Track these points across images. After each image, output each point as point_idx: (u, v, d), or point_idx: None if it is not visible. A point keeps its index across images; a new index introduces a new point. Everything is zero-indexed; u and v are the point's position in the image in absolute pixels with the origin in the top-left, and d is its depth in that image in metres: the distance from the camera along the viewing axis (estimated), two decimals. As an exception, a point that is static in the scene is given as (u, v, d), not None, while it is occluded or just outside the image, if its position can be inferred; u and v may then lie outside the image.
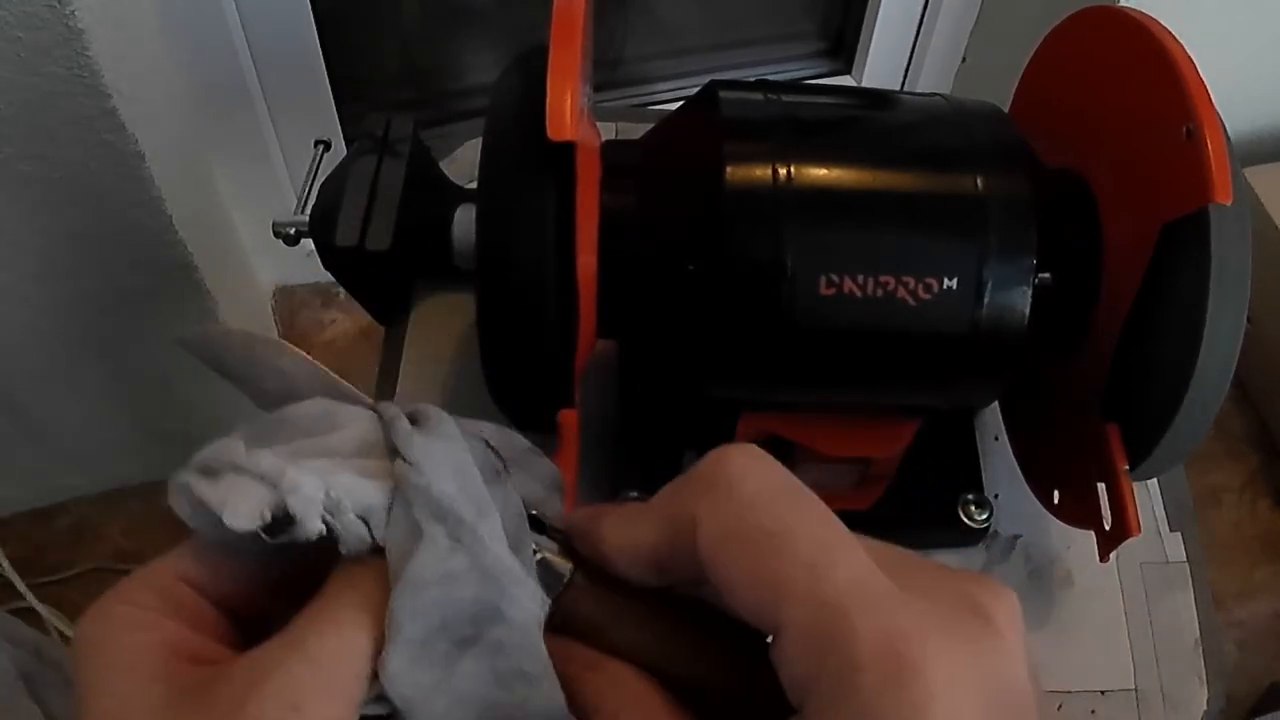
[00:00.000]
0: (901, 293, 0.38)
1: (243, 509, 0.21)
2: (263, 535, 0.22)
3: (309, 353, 0.26)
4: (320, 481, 0.22)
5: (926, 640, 0.20)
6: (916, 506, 0.51)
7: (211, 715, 0.21)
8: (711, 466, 0.23)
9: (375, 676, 0.22)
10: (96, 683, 0.22)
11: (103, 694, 0.22)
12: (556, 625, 0.25)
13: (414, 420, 0.24)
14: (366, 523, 0.22)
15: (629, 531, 0.24)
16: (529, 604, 0.23)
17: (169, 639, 0.22)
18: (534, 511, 0.26)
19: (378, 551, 0.22)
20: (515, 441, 0.27)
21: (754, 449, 0.23)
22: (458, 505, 0.22)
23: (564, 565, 0.25)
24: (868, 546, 0.22)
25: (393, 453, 0.23)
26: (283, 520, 0.22)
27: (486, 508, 0.23)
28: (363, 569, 0.23)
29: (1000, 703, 0.20)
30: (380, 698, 0.22)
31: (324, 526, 0.22)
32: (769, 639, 0.21)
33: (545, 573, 0.25)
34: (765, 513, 0.22)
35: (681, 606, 0.25)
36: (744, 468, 0.23)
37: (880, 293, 0.38)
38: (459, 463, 0.23)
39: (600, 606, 0.25)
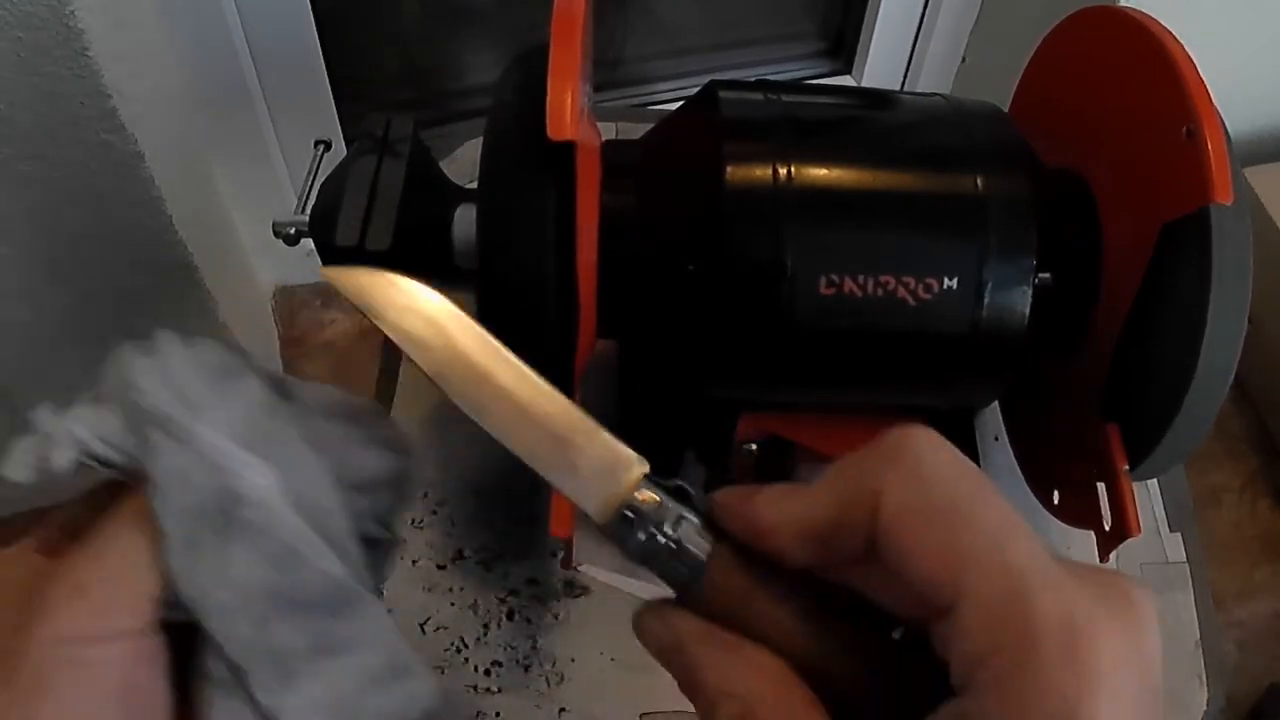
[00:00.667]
0: (901, 293, 0.38)
1: (14, 462, 0.25)
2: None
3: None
4: (62, 423, 0.25)
5: (1097, 624, 0.20)
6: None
7: (17, 603, 0.24)
8: (896, 443, 0.24)
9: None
10: None
11: None
12: (698, 603, 0.25)
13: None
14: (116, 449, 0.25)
15: (793, 505, 0.24)
16: (261, 480, 0.25)
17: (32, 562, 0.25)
18: (681, 483, 0.26)
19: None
20: (350, 400, 0.29)
21: (931, 430, 0.24)
22: (170, 409, 0.25)
23: (704, 540, 0.25)
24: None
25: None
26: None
27: (203, 405, 0.26)
28: (130, 489, 0.25)
29: (1148, 689, 0.21)
30: (178, 606, 0.24)
31: (86, 460, 0.25)
32: (923, 638, 0.22)
33: (683, 550, 0.25)
34: (952, 488, 0.22)
35: (822, 595, 0.25)
36: (928, 446, 0.23)
37: (880, 293, 0.38)
38: (175, 374, 0.26)
39: (743, 583, 0.25)
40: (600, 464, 0.26)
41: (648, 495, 0.26)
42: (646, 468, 0.26)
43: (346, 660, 0.26)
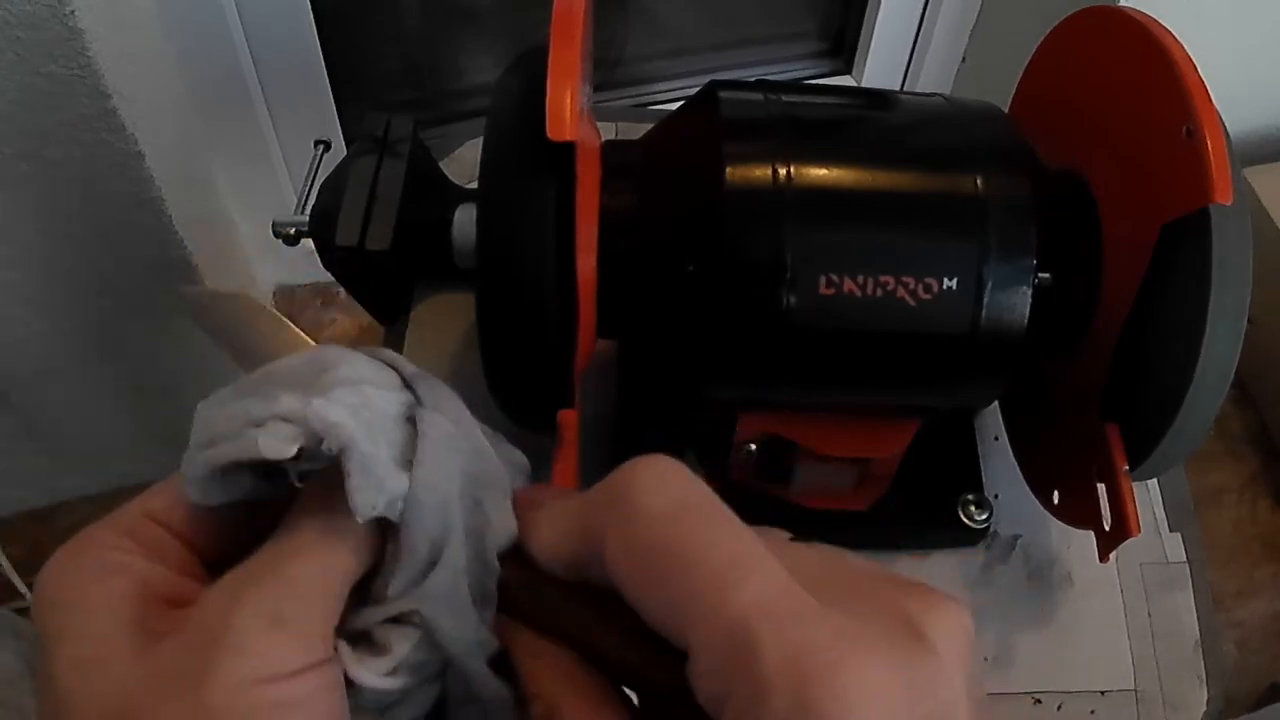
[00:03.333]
0: (901, 293, 0.38)
1: (275, 440, 0.22)
2: (289, 469, 0.22)
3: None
4: (343, 405, 0.22)
5: (842, 658, 0.19)
6: (916, 506, 0.51)
7: (190, 641, 0.21)
8: (618, 481, 0.22)
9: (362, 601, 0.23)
10: (66, 631, 0.21)
11: (74, 642, 0.21)
12: (502, 603, 0.25)
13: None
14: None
15: (547, 533, 0.24)
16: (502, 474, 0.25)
17: (140, 578, 0.22)
18: None
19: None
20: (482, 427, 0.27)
21: (665, 461, 0.22)
22: (470, 473, 0.24)
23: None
24: (796, 557, 0.21)
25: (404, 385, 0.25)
26: (310, 453, 0.22)
27: (484, 475, 0.25)
28: (329, 494, 0.23)
29: (928, 715, 0.19)
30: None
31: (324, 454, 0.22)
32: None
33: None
34: (671, 530, 0.21)
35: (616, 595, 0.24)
36: (651, 482, 0.22)
37: (880, 293, 0.38)
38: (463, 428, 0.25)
39: (532, 580, 0.24)
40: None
41: None
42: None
43: None
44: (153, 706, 0.20)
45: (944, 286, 0.38)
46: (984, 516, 0.51)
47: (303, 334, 0.26)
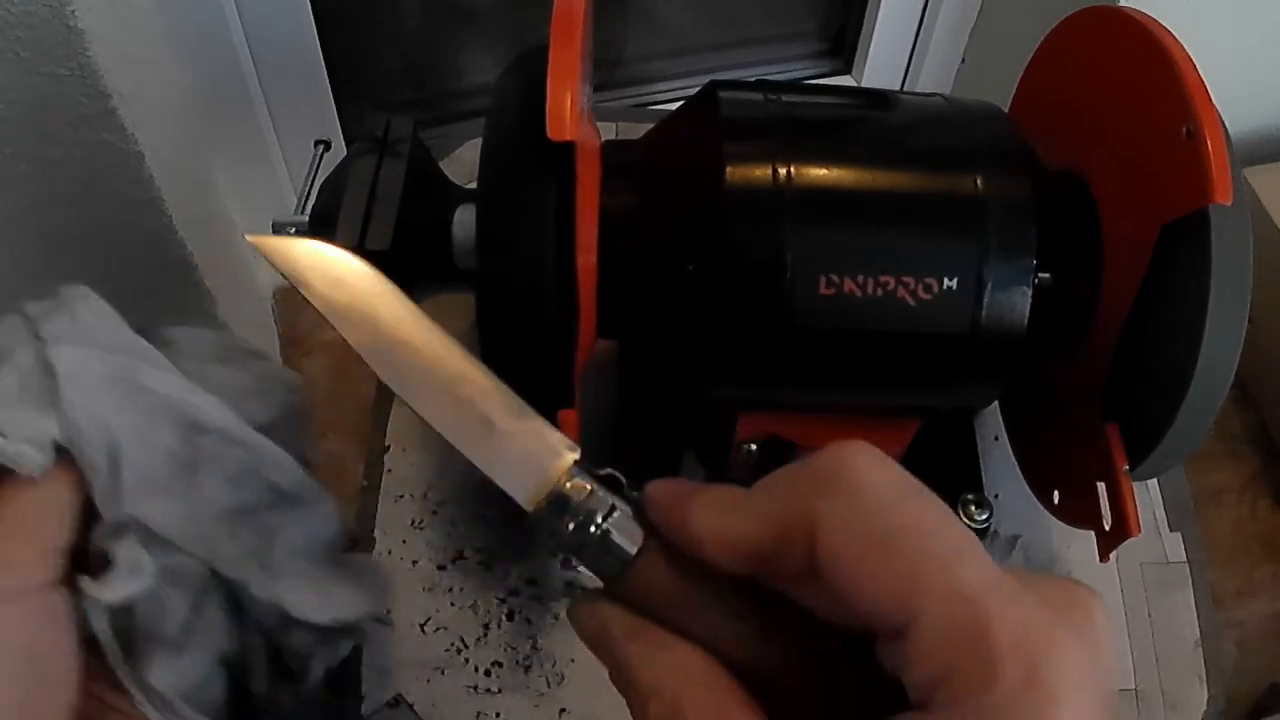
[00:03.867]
0: (901, 293, 0.38)
1: None
2: None
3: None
4: None
5: (1054, 638, 0.20)
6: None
7: None
8: (829, 464, 0.23)
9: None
10: None
11: None
12: (623, 595, 0.24)
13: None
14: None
15: (727, 520, 0.23)
16: (216, 411, 0.27)
17: None
18: (613, 472, 0.25)
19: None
20: (228, 341, 0.31)
21: (870, 447, 0.23)
22: (115, 364, 0.26)
23: (636, 532, 0.24)
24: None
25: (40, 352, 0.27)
26: None
27: (142, 353, 0.27)
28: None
29: (1107, 703, 0.21)
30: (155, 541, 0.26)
31: None
32: (862, 641, 0.21)
33: (613, 539, 0.24)
34: (894, 511, 0.22)
35: (755, 592, 0.24)
36: (866, 466, 0.22)
37: (880, 293, 0.38)
38: (92, 326, 0.27)
39: (674, 579, 0.24)
40: (529, 449, 0.25)
41: (578, 483, 0.25)
42: (577, 454, 0.25)
43: (309, 546, 0.28)
44: None
45: (944, 286, 0.38)
46: (984, 516, 0.51)
47: (393, 286, 0.28)
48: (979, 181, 0.39)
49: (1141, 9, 0.42)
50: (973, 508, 0.51)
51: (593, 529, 0.24)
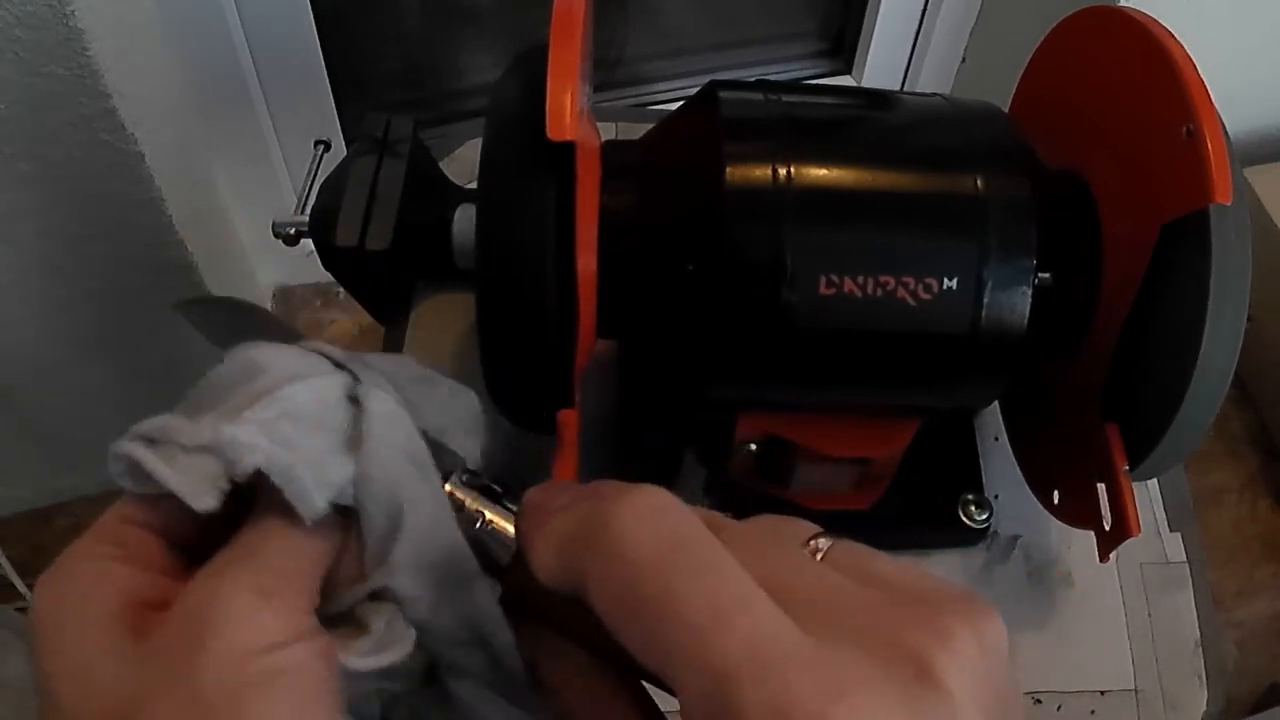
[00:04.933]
0: (901, 293, 0.38)
1: (200, 488, 0.22)
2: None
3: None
4: (255, 423, 0.23)
5: (828, 710, 0.17)
6: (916, 506, 0.51)
7: (179, 626, 0.21)
8: (596, 517, 0.21)
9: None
10: (58, 646, 0.21)
11: (65, 654, 0.21)
12: (508, 598, 0.25)
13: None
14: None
15: (545, 551, 0.22)
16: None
17: (126, 585, 0.22)
18: (489, 483, 0.26)
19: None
20: (412, 370, 0.28)
21: (647, 492, 0.21)
22: (419, 451, 0.25)
23: (511, 539, 0.25)
24: (804, 578, 0.20)
25: (351, 400, 0.25)
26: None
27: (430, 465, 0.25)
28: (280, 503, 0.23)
29: None
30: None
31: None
32: None
33: (492, 541, 0.25)
34: (650, 573, 0.20)
35: None
36: (631, 521, 0.20)
37: (880, 293, 0.38)
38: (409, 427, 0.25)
39: (543, 589, 0.23)
40: None
41: (458, 493, 0.26)
42: (462, 463, 0.26)
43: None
44: (149, 695, 0.20)
45: (944, 286, 0.38)
46: (984, 516, 0.51)
47: (298, 333, 0.26)
48: (979, 181, 0.39)
49: (1141, 9, 0.42)
50: (973, 508, 0.51)
51: (476, 530, 0.25)
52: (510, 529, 0.25)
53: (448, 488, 0.25)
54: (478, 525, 0.25)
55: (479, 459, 0.27)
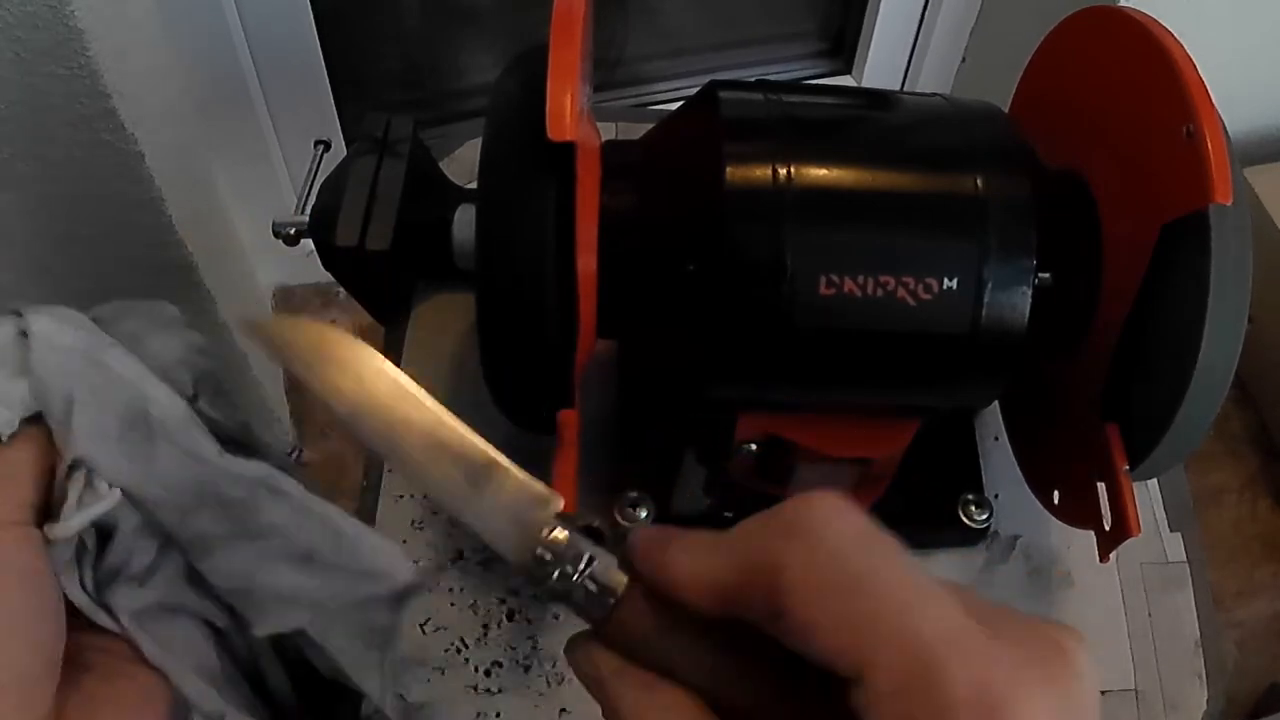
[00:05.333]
0: (901, 293, 0.38)
1: None
2: None
3: None
4: None
5: (1019, 689, 0.20)
6: (916, 506, 0.51)
7: None
8: (795, 513, 0.23)
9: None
10: None
11: None
12: (610, 637, 0.25)
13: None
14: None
15: (702, 561, 0.24)
16: (168, 400, 0.30)
17: None
18: (592, 523, 0.26)
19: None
20: (133, 307, 0.33)
21: (837, 498, 0.23)
22: (86, 344, 0.29)
23: (618, 578, 0.25)
24: (955, 592, 0.22)
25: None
26: None
27: (104, 345, 0.30)
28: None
29: None
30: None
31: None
32: (840, 680, 0.22)
33: (596, 586, 0.25)
34: (854, 559, 0.22)
35: (735, 632, 0.24)
36: (829, 515, 0.23)
37: (880, 293, 0.38)
38: (70, 319, 0.30)
39: (654, 622, 0.25)
40: (514, 504, 0.26)
41: (560, 535, 0.26)
42: (560, 504, 0.26)
43: (263, 544, 0.30)
44: None
45: (944, 286, 0.38)
46: (984, 516, 0.51)
47: (380, 355, 0.28)
48: (979, 181, 0.39)
49: (1141, 9, 0.42)
50: (973, 508, 0.51)
51: (576, 578, 0.25)
52: (616, 572, 0.25)
53: (548, 533, 0.26)
54: (590, 563, 0.25)
55: (180, 354, 0.32)
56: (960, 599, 0.22)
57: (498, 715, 0.47)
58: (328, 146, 0.57)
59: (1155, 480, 0.56)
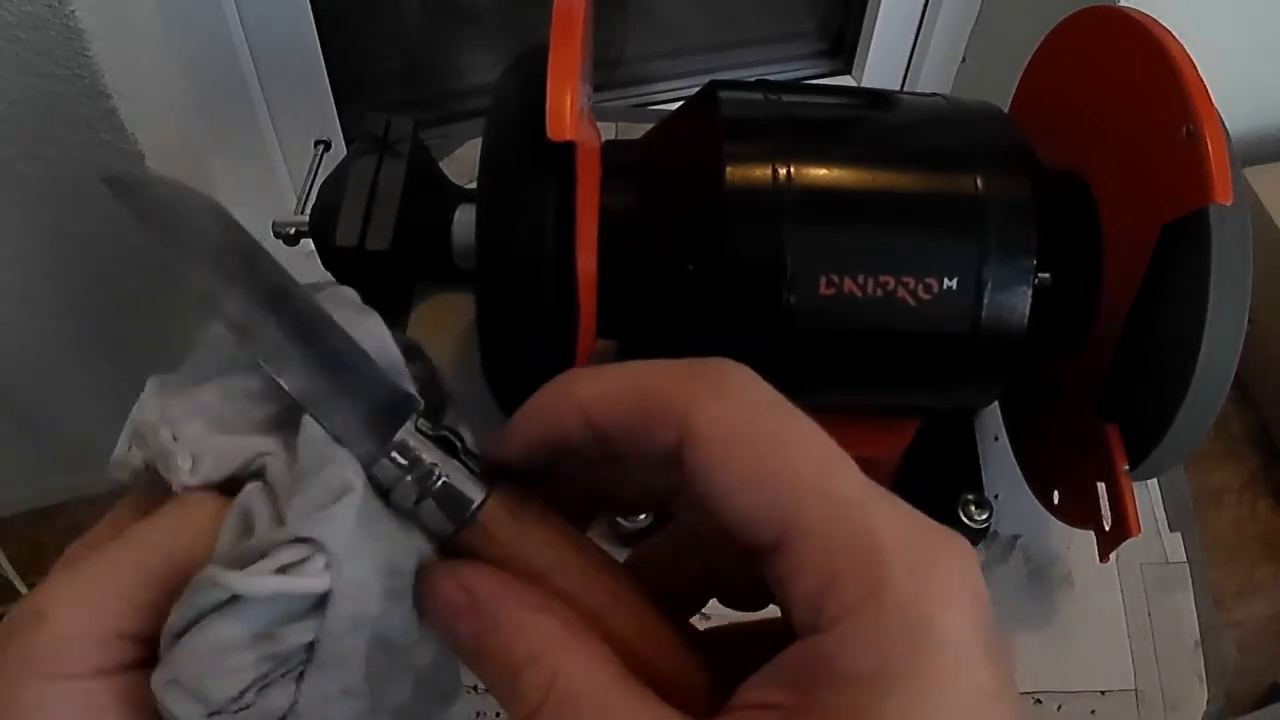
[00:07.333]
0: (901, 293, 0.38)
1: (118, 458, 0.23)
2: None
3: None
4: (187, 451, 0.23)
5: (940, 539, 0.19)
6: (916, 506, 0.51)
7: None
8: (704, 364, 0.21)
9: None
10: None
11: None
12: (465, 552, 0.22)
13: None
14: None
15: (606, 380, 0.22)
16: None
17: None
18: (448, 431, 0.24)
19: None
20: (346, 297, 0.29)
21: (749, 369, 0.21)
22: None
23: (476, 490, 0.23)
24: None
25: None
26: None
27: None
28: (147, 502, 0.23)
29: (988, 619, 0.19)
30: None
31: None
32: (743, 556, 0.20)
33: (449, 496, 0.23)
34: (769, 415, 0.20)
35: (606, 557, 0.22)
36: (744, 374, 0.21)
37: (880, 293, 0.38)
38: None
39: (519, 529, 0.22)
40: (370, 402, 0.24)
41: (415, 440, 0.24)
42: (419, 408, 0.25)
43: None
44: None
45: (944, 286, 0.38)
46: (984, 516, 0.51)
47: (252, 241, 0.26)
48: (979, 181, 0.39)
49: (1141, 9, 0.42)
50: (973, 508, 0.51)
51: (432, 480, 0.23)
52: (472, 487, 0.23)
53: (400, 436, 0.23)
54: (444, 472, 0.23)
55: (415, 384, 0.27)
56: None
57: (497, 715, 0.47)
58: (328, 146, 0.57)
59: (1155, 480, 0.56)
